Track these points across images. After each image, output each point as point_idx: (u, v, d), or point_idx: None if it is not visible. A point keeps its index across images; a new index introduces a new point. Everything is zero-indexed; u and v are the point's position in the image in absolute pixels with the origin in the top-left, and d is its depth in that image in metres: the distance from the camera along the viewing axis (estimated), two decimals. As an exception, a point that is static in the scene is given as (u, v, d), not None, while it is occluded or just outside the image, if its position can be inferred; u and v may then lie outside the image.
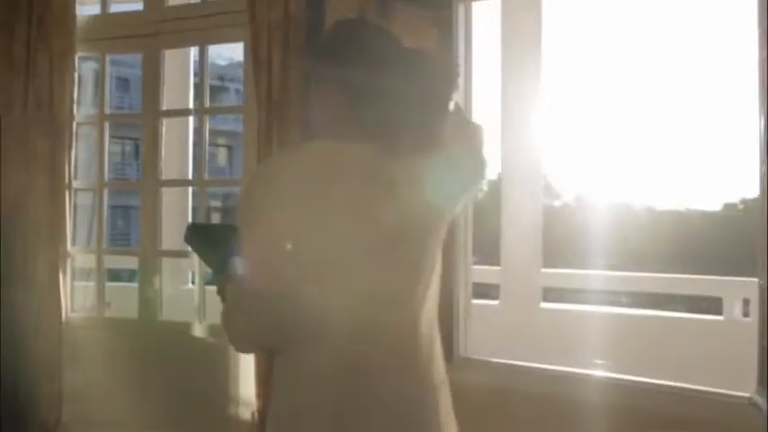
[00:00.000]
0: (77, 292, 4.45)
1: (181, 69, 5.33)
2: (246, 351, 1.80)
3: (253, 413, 3.70)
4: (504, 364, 3.34)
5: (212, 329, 3.91)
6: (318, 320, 1.53)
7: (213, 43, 4.01)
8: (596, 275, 6.20)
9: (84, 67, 4.60)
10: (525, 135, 5.48)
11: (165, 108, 4.12)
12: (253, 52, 3.61)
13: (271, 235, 1.51)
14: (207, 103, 4.01)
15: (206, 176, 4.13)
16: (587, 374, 3.19)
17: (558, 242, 6.60)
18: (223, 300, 1.63)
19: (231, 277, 1.56)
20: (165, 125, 4.14)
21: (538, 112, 5.51)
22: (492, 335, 4.19)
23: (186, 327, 4.00)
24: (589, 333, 4.75)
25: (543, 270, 5.59)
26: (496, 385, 3.27)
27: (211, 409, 3.88)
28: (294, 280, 1.50)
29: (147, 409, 3.90)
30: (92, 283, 4.44)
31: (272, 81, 3.54)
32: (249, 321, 1.57)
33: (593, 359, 4.01)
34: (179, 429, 3.92)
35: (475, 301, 3.71)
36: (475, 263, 3.82)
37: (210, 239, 1.74)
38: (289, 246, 1.48)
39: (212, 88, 3.95)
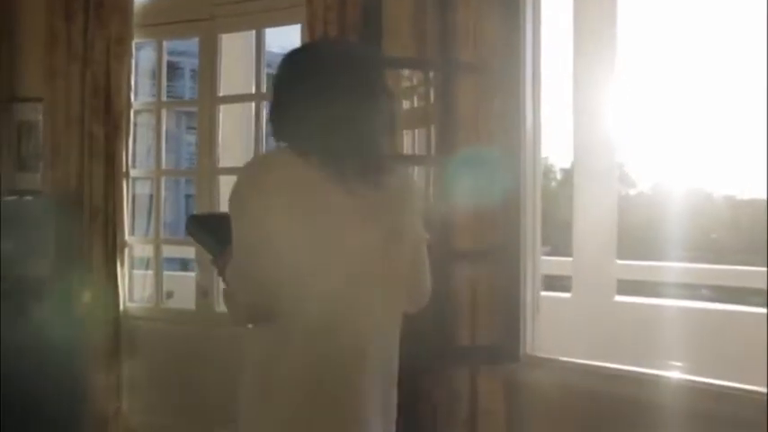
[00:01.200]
0: (138, 282, 4.42)
1: (244, 56, 5.24)
2: (242, 324, 1.93)
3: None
4: (574, 363, 3.12)
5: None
6: (289, 301, 1.77)
7: (270, 26, 3.88)
8: (674, 267, 5.86)
9: (142, 57, 4.55)
10: (599, 121, 5.22)
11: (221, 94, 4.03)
12: (309, 34, 3.48)
13: (254, 227, 1.76)
14: (264, 89, 3.89)
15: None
16: (663, 376, 2.94)
17: (634, 232, 6.32)
18: (224, 280, 1.88)
19: (229, 261, 1.83)
20: (226, 112, 4.05)
21: (612, 97, 5.24)
22: (562, 330, 3.96)
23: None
24: (666, 329, 4.47)
25: (618, 261, 5.31)
26: (565, 386, 3.06)
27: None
28: (271, 266, 1.75)
29: (205, 401, 3.82)
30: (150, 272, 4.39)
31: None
32: (241, 299, 1.84)
33: (670, 358, 3.74)
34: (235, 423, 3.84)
35: (544, 294, 3.50)
36: (547, 253, 3.61)
37: (209, 229, 1.99)
38: (269, 237, 1.73)
39: (270, 77, 3.81)
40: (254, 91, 4.02)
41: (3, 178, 4.28)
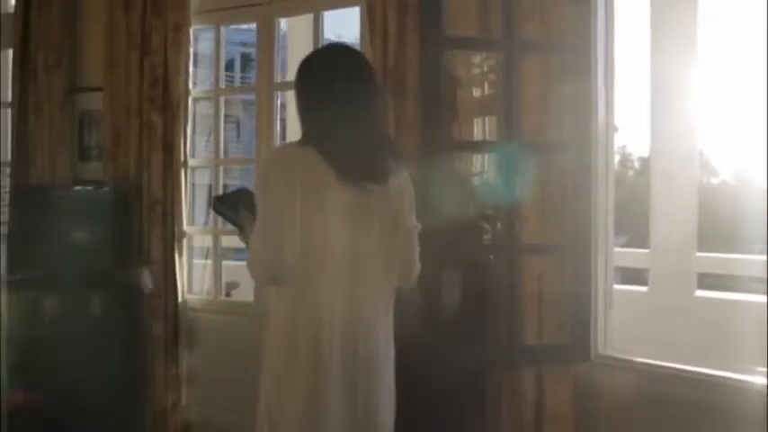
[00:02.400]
0: (197, 273, 4.37)
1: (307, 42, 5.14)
2: (263, 284, 2.34)
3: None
4: (650, 364, 2.90)
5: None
6: (301, 266, 2.11)
7: (328, 9, 3.75)
8: (758, 261, 5.52)
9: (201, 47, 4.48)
10: (678, 107, 4.95)
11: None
12: (368, 16, 3.33)
13: (273, 204, 2.09)
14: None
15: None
16: (747, 381, 2.69)
17: (716, 223, 5.99)
18: (248, 248, 2.23)
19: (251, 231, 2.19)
20: (292, 98, 3.95)
21: (692, 80, 4.96)
22: (638, 327, 3.73)
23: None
24: (750, 328, 4.17)
25: (698, 254, 5.02)
26: (640, 389, 2.85)
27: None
28: (288, 236, 2.09)
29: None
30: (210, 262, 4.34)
31: (387, 46, 3.25)
32: (261, 263, 2.15)
33: (754, 361, 3.47)
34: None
35: (619, 288, 3.29)
36: (624, 243, 3.40)
37: (232, 206, 2.37)
38: (285, 212, 2.08)
39: None
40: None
41: (65, 168, 4.28)
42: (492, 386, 3.08)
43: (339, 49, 2.31)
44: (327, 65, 2.19)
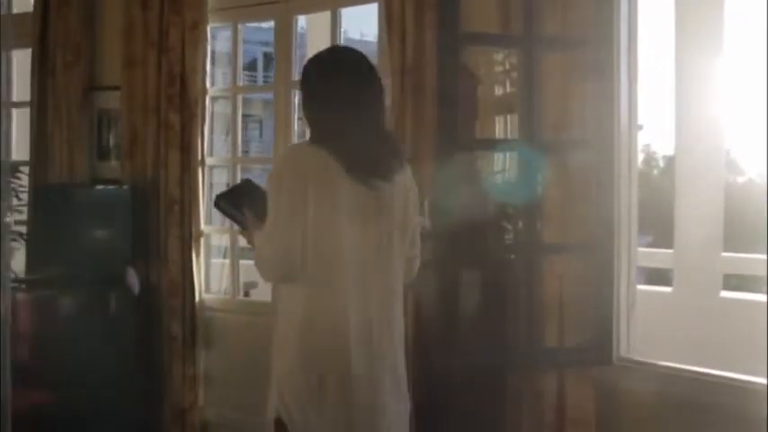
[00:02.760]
0: (215, 272, 4.35)
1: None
2: (272, 281, 2.38)
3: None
4: (674, 368, 2.82)
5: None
6: (312, 263, 2.14)
7: (346, 6, 3.70)
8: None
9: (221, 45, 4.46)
10: (703, 104, 4.85)
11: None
12: (386, 13, 3.28)
13: (285, 203, 2.12)
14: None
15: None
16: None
17: (741, 223, 5.87)
18: (253, 246, 2.30)
19: (259, 228, 2.22)
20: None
21: (718, 77, 4.86)
22: (661, 329, 3.66)
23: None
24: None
25: (724, 254, 4.92)
26: (663, 393, 2.78)
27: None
28: (298, 233, 2.12)
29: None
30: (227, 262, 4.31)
31: (405, 43, 3.20)
32: (270, 259, 2.19)
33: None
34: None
35: (643, 288, 3.21)
36: (649, 243, 3.33)
37: (236, 204, 2.38)
38: (297, 211, 2.11)
39: None
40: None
41: (84, 167, 4.27)
42: (512, 388, 3.02)
43: (343, 51, 2.39)
44: (332, 66, 2.26)
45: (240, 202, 2.37)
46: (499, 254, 3.23)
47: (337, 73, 2.23)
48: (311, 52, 4.08)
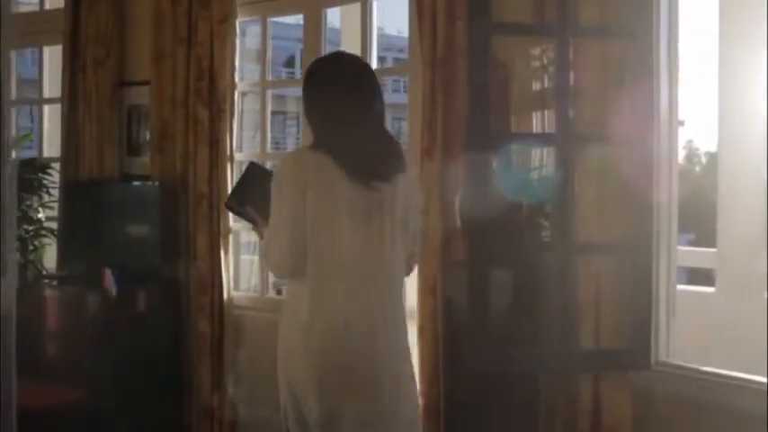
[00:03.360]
0: (244, 269, 4.31)
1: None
2: (279, 277, 2.71)
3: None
4: (717, 374, 2.69)
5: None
6: (313, 259, 2.24)
7: (375, -2, 3.62)
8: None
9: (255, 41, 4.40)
10: (748, 99, 4.68)
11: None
12: (417, 4, 3.19)
13: (287, 204, 2.23)
14: (374, 65, 3.66)
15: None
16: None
17: (788, 221, 5.67)
18: (261, 239, 2.44)
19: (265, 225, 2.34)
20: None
21: (763, 73, 4.69)
22: (703, 332, 3.52)
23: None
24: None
25: (768, 254, 4.75)
26: (705, 400, 2.65)
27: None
28: (300, 233, 2.22)
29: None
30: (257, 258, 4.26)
31: (436, 35, 3.11)
32: (275, 257, 2.29)
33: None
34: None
35: (684, 289, 3.08)
36: (691, 241, 3.21)
37: (246, 203, 2.47)
38: (299, 212, 2.22)
39: (381, 60, 3.69)
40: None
41: (114, 163, 4.25)
42: (545, 392, 2.92)
43: (339, 56, 2.51)
44: (332, 74, 2.35)
45: (247, 199, 2.45)
46: (533, 252, 3.13)
47: (334, 79, 2.32)
48: (345, 48, 4.04)
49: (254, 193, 2.43)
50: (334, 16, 4.55)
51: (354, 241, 2.24)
